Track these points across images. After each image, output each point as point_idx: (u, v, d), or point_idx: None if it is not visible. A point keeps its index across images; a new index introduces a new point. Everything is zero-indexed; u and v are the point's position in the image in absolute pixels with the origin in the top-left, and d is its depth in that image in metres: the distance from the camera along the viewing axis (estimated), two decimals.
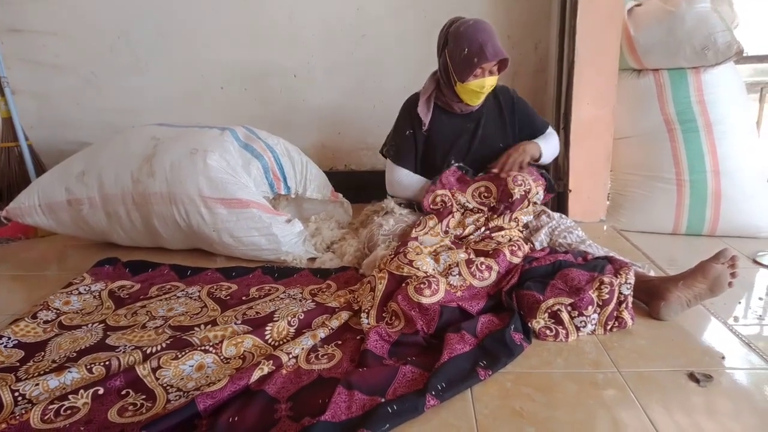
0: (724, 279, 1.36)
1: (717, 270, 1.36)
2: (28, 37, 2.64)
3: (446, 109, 1.91)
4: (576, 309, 1.33)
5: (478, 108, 1.91)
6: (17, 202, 1.97)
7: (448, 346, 1.20)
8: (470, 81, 1.75)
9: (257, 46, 2.65)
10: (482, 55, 1.69)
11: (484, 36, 1.71)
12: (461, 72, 1.74)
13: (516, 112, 1.96)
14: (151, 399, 1.10)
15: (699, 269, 1.38)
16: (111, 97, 2.73)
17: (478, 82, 1.75)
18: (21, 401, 1.08)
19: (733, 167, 2.04)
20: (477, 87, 1.76)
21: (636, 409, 1.06)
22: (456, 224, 1.77)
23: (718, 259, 1.37)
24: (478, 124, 1.91)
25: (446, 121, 1.91)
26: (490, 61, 1.71)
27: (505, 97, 1.96)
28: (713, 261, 1.37)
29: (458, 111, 1.90)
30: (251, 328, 1.36)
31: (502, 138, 1.93)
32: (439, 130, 1.91)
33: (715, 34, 1.98)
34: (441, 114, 1.91)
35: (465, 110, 1.90)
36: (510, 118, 1.95)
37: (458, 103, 1.87)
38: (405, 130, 1.93)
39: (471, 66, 1.71)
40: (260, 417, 1.02)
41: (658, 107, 2.12)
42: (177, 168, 1.84)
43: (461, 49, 1.72)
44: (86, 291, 1.67)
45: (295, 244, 1.93)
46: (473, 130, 1.92)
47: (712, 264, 1.37)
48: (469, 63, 1.71)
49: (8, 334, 1.37)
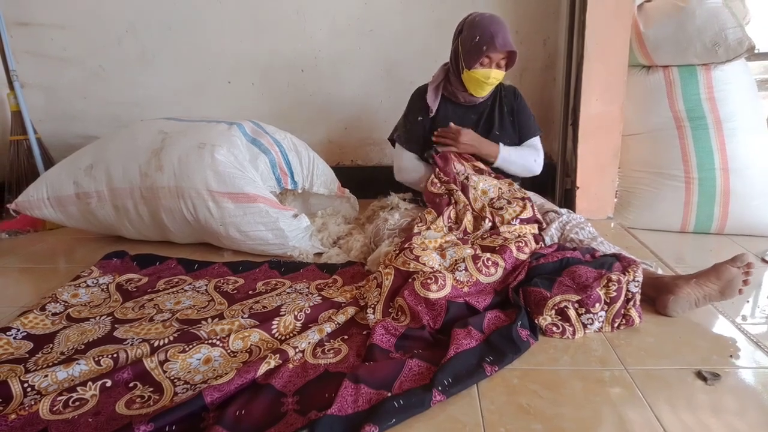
0: (737, 283, 1.35)
1: (731, 273, 1.35)
2: (36, 31, 2.65)
3: (451, 98, 1.97)
4: (583, 306, 1.33)
5: (482, 101, 1.96)
6: (26, 195, 1.98)
7: (455, 341, 1.20)
8: (477, 69, 1.81)
9: (264, 40, 2.65)
10: (492, 43, 1.76)
11: (497, 27, 1.78)
12: (469, 58, 1.81)
13: (515, 108, 2.00)
14: (158, 391, 1.11)
15: (713, 270, 1.37)
16: (118, 91, 2.74)
17: (483, 72, 1.81)
18: (30, 392, 1.09)
19: (742, 165, 2.02)
20: (482, 77, 1.82)
21: (643, 406, 1.05)
22: (456, 214, 1.76)
23: (735, 263, 1.35)
24: (481, 116, 1.98)
25: (451, 110, 1.97)
26: (498, 51, 1.77)
27: (509, 95, 2.01)
28: (729, 263, 1.36)
29: (462, 101, 1.95)
30: (258, 322, 1.36)
31: (502, 133, 1.97)
32: (444, 117, 1.96)
33: (726, 31, 1.96)
34: (446, 103, 1.98)
35: (469, 101, 1.95)
36: (510, 111, 2.00)
37: (463, 92, 1.92)
38: (416, 116, 1.99)
39: (479, 53, 1.78)
40: (267, 410, 1.03)
41: (667, 104, 2.11)
42: (185, 162, 1.85)
43: (473, 36, 1.79)
44: (94, 284, 1.68)
45: (301, 239, 1.93)
46: (476, 121, 1.97)
47: (727, 266, 1.36)
48: (478, 50, 1.78)
49: (17, 326, 1.38)
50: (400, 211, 1.90)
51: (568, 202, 2.35)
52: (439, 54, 1.93)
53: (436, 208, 1.78)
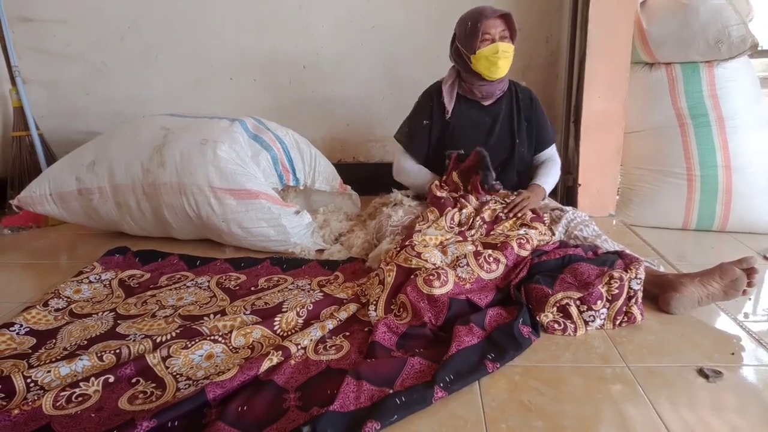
0: (740, 284, 1.34)
1: (736, 273, 1.35)
2: (39, 26, 2.65)
3: (468, 97, 1.91)
4: (585, 303, 1.33)
5: (497, 103, 1.91)
6: (28, 191, 1.99)
7: (457, 338, 1.21)
8: (481, 48, 1.75)
9: (266, 37, 2.65)
10: (481, 16, 1.74)
11: (482, 5, 1.78)
12: (470, 44, 1.77)
13: (533, 115, 1.95)
14: (161, 387, 1.11)
15: (718, 269, 1.37)
16: (120, 87, 2.74)
17: (490, 48, 1.75)
18: (33, 388, 1.09)
19: (744, 163, 2.02)
20: (489, 52, 1.76)
21: (644, 404, 1.06)
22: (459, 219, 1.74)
23: (741, 264, 1.35)
24: (496, 120, 1.91)
25: (466, 112, 1.91)
26: (491, 18, 1.74)
27: (525, 96, 1.96)
28: (735, 264, 1.36)
29: (480, 96, 1.89)
30: (260, 319, 1.36)
31: (517, 136, 1.92)
32: (459, 119, 1.90)
33: (730, 28, 1.95)
34: (462, 103, 1.91)
35: (486, 94, 1.88)
36: (527, 117, 1.94)
37: (479, 84, 1.85)
38: (422, 120, 1.93)
39: (475, 32, 1.75)
40: (269, 407, 1.03)
41: (669, 101, 2.10)
42: (187, 158, 1.85)
43: (465, 25, 1.79)
44: (96, 280, 1.68)
45: (303, 236, 1.93)
46: (491, 124, 1.91)
47: (732, 266, 1.36)
48: (474, 30, 1.75)
49: (20, 322, 1.38)
50: (404, 208, 1.89)
51: (570, 200, 2.35)
52: (441, 50, 1.91)
53: (439, 207, 1.76)
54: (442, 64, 1.99)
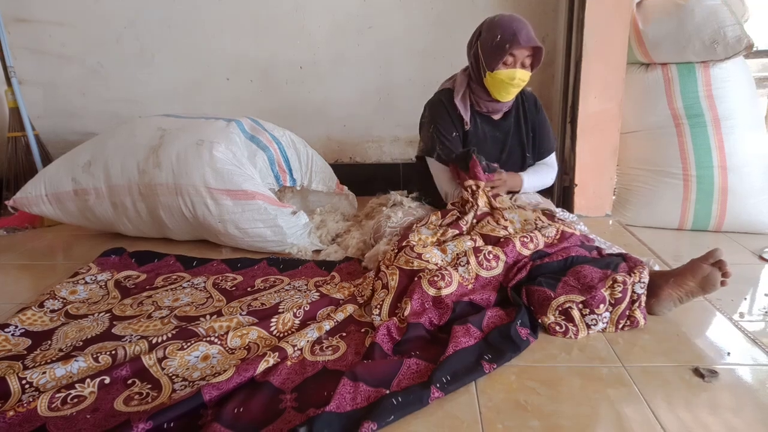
0: (714, 279, 1.32)
1: (705, 270, 1.33)
2: (35, 27, 2.64)
3: (479, 111, 1.87)
4: (588, 307, 1.32)
5: (506, 118, 1.89)
6: (24, 191, 1.98)
7: (454, 339, 1.21)
8: (500, 69, 1.70)
9: (263, 38, 2.65)
10: (515, 39, 1.66)
11: (519, 24, 1.69)
12: (491, 59, 1.70)
13: (537, 120, 1.94)
14: (156, 388, 1.11)
15: (689, 268, 1.36)
16: (117, 88, 2.73)
17: (508, 72, 1.70)
18: (28, 389, 1.09)
19: (740, 163, 2.02)
20: (507, 78, 1.71)
21: (640, 403, 1.06)
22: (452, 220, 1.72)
23: (707, 260, 1.34)
24: (507, 134, 1.90)
25: (480, 126, 1.88)
26: (522, 46, 1.67)
27: (530, 103, 1.94)
28: (702, 261, 1.35)
29: (484, 110, 1.86)
30: (256, 320, 1.36)
31: (527, 150, 1.92)
32: (475, 133, 1.87)
33: (725, 28, 1.96)
34: (475, 116, 1.87)
35: (492, 110, 1.86)
36: (532, 127, 1.93)
37: (486, 100, 1.82)
38: (451, 132, 1.84)
39: (502, 51, 1.67)
40: (265, 408, 1.03)
41: (665, 101, 2.11)
42: (183, 159, 1.84)
43: (494, 35, 1.69)
44: (92, 281, 1.68)
45: (300, 236, 1.93)
46: (503, 139, 1.90)
47: (700, 264, 1.34)
48: (501, 48, 1.67)
49: (15, 323, 1.38)
50: (403, 209, 1.88)
51: (567, 200, 2.35)
52: (438, 52, 1.91)
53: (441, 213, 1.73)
54: (439, 65, 1.99)
